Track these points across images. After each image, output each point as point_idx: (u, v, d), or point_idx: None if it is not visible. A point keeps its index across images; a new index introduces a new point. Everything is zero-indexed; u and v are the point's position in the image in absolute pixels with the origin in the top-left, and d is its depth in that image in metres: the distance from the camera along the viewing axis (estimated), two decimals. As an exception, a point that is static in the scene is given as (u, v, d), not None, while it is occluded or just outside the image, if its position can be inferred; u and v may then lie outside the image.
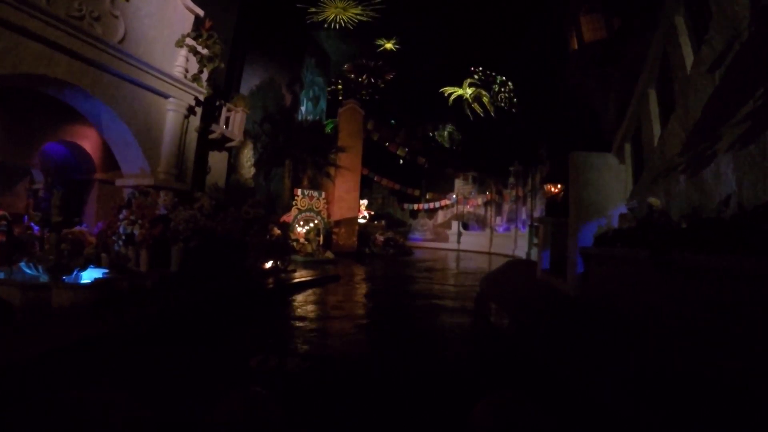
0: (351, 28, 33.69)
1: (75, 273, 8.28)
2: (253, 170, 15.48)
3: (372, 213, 31.48)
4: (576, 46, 13.96)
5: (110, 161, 10.15)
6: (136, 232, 7.84)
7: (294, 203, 17.23)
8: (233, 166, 15.16)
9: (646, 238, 5.85)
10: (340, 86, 36.81)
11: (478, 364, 5.12)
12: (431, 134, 37.81)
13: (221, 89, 13.04)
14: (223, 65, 10.59)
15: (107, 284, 6.43)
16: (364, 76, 39.00)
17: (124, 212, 8.14)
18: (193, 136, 10.18)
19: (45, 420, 0.87)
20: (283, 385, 3.87)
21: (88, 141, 10.42)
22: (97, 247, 8.96)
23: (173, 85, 9.27)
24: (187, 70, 9.86)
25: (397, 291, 10.87)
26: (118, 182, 9.58)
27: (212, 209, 9.71)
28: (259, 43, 23.45)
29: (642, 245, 5.78)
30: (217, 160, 13.16)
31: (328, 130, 27.12)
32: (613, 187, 7.54)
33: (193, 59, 10.10)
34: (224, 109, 12.59)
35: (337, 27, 31.54)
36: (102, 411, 0.92)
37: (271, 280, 9.77)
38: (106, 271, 7.48)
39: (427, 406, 3.58)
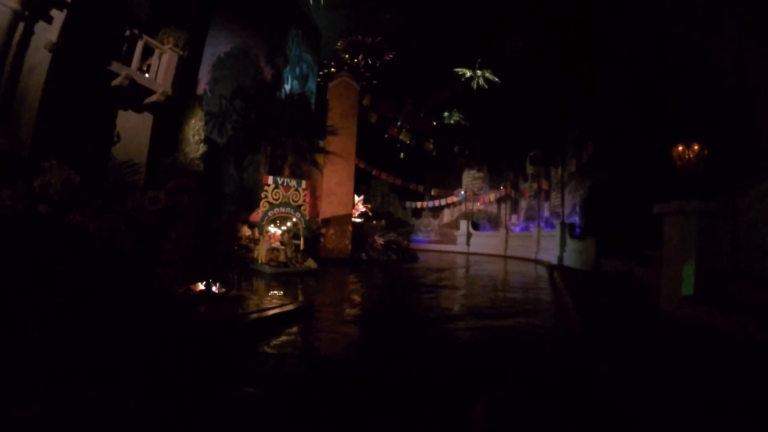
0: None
1: None
2: (203, 148, 11.07)
3: (369, 207, 26.78)
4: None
5: None
6: None
7: (264, 195, 12.75)
8: (175, 141, 10.76)
9: None
10: (333, 69, 32.28)
11: None
12: (440, 114, 33.40)
13: (138, 18, 8.60)
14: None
15: None
16: (360, 56, 34.62)
17: None
18: (40, 59, 5.66)
19: (44, 421, 0.80)
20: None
21: None
22: None
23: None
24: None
25: (412, 336, 6.41)
26: None
27: (75, 192, 5.28)
28: (231, 3, 19.29)
29: None
30: (134, 124, 8.69)
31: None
32: None
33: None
34: (140, 44, 8.13)
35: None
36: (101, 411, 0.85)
37: (181, 325, 5.25)
38: None
39: None
